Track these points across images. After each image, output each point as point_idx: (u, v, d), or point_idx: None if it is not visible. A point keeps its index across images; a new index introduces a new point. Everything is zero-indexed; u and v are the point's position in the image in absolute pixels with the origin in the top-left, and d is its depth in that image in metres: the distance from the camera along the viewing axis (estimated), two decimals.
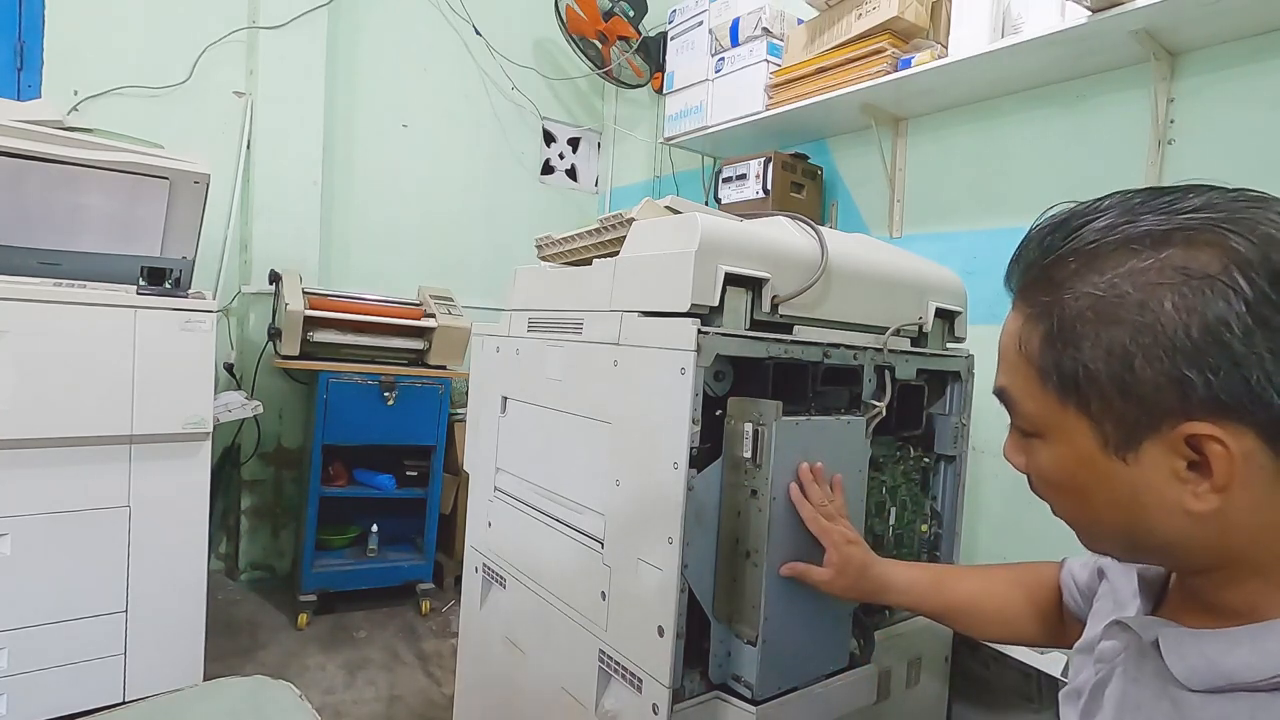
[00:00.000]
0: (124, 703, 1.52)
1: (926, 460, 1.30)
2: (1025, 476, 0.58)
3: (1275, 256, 0.42)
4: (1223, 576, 0.49)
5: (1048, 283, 0.50)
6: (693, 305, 0.96)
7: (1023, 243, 0.54)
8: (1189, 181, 0.48)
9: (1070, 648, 0.74)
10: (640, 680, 0.98)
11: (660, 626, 0.94)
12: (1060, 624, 0.83)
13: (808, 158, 2.30)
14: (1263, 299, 0.41)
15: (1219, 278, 0.42)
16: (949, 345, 1.33)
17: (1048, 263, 0.51)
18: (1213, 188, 0.46)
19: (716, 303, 0.97)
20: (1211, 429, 0.43)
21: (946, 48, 1.78)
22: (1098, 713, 0.57)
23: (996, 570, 0.91)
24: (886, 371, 1.13)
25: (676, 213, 1.12)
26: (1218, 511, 0.45)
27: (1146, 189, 0.49)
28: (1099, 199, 0.50)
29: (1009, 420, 0.58)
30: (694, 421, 0.92)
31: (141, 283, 1.76)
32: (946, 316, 1.30)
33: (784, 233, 1.11)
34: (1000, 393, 0.56)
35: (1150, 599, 0.58)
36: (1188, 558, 0.50)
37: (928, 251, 1.90)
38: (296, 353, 2.34)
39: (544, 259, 1.43)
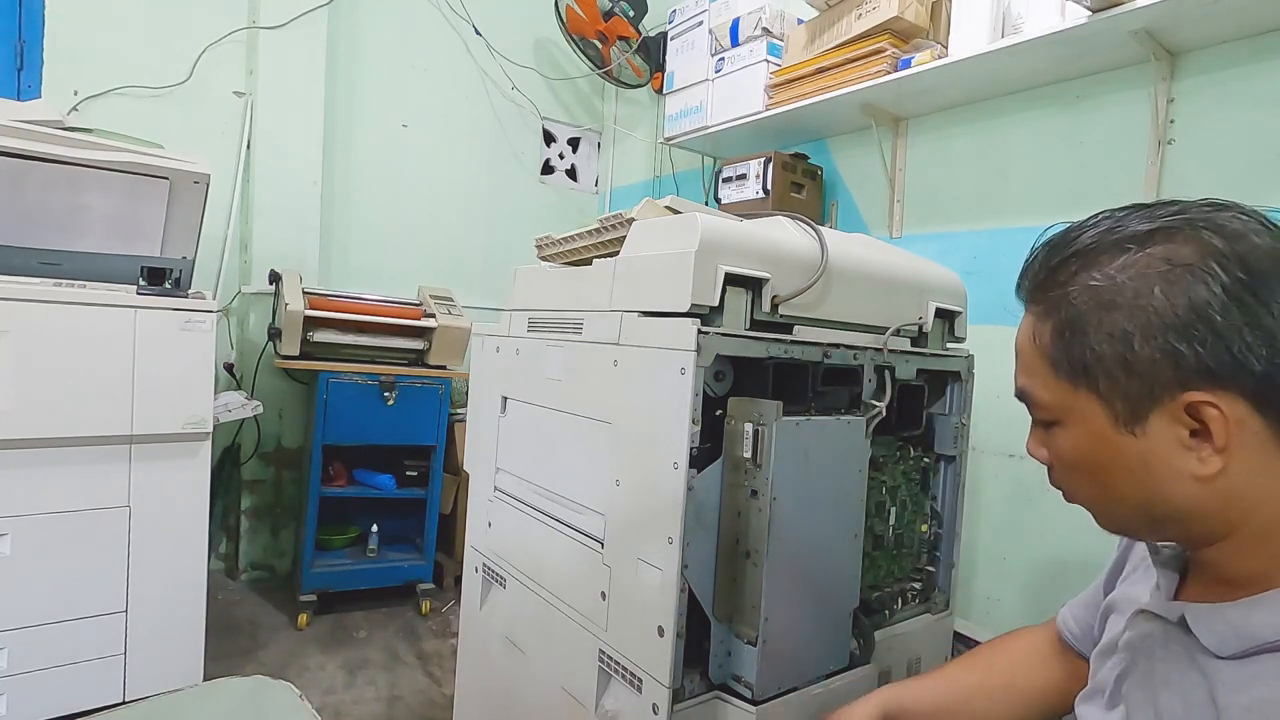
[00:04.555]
0: (124, 703, 1.52)
1: (926, 460, 1.30)
2: (1045, 471, 0.63)
3: (1240, 248, 0.50)
4: (1231, 546, 0.54)
5: (1053, 284, 0.57)
6: (693, 305, 0.96)
7: (1029, 257, 0.60)
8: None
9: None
10: (640, 680, 0.98)
11: (660, 626, 0.94)
12: (1069, 664, 0.83)
13: (808, 158, 2.30)
14: (1235, 282, 0.49)
15: (1198, 265, 0.50)
16: (949, 345, 1.33)
17: (1052, 266, 0.57)
18: (1184, 200, 0.54)
19: (716, 303, 0.97)
20: (1206, 395, 0.50)
21: (946, 48, 1.78)
22: (1121, 702, 0.60)
23: (985, 651, 0.90)
24: (886, 371, 1.13)
25: (676, 213, 1.12)
26: (1221, 474, 0.51)
27: (1131, 205, 0.56)
28: (1091, 215, 0.58)
29: (1030, 419, 0.63)
30: (694, 421, 0.92)
31: (141, 283, 1.76)
32: (946, 316, 1.30)
33: (784, 233, 1.11)
34: (1020, 392, 0.62)
35: (1170, 589, 0.62)
36: (1198, 526, 0.54)
37: (928, 251, 1.90)
38: (296, 353, 2.34)
39: (544, 259, 1.43)
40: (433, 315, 2.49)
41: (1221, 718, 0.51)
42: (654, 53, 2.97)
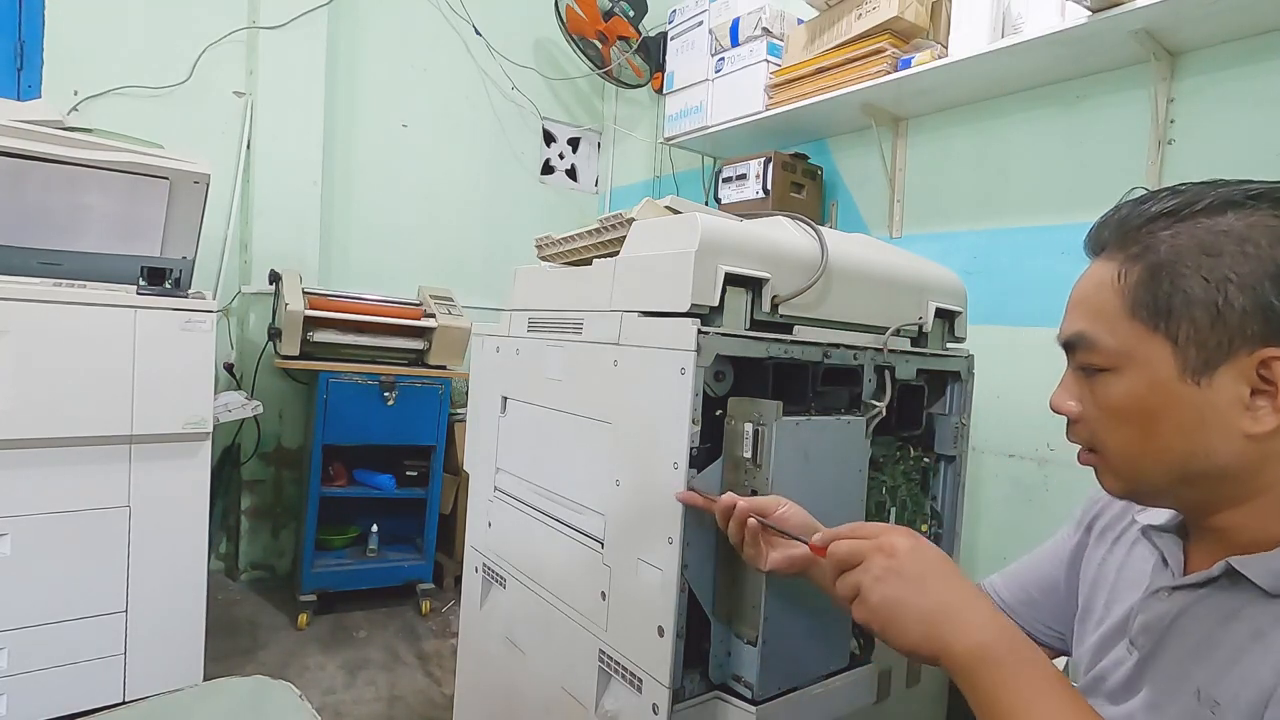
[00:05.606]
0: (124, 703, 1.52)
1: (926, 460, 1.30)
2: (1065, 426, 0.63)
3: None
4: (1253, 510, 0.55)
5: (1149, 230, 0.56)
6: (693, 305, 0.96)
7: (1113, 210, 0.60)
8: None
9: None
10: (640, 680, 0.98)
11: (660, 626, 0.94)
12: None
13: (808, 158, 2.30)
14: None
15: None
16: (949, 345, 1.33)
17: (1151, 214, 0.56)
18: None
19: (716, 303, 0.97)
20: None
21: (946, 48, 1.78)
22: (1141, 688, 0.60)
23: None
24: (886, 371, 1.13)
25: (676, 213, 1.12)
26: (1273, 434, 0.51)
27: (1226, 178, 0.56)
28: (1179, 184, 0.57)
29: (1066, 369, 0.63)
30: (694, 421, 0.92)
31: (141, 283, 1.76)
32: (946, 316, 1.30)
33: (784, 233, 1.11)
34: (1075, 337, 0.60)
35: (1179, 562, 0.62)
36: (1228, 487, 0.55)
37: (928, 251, 1.90)
38: (296, 353, 2.34)
39: (544, 259, 1.43)
40: (433, 315, 2.49)
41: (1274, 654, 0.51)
42: (654, 53, 2.97)
